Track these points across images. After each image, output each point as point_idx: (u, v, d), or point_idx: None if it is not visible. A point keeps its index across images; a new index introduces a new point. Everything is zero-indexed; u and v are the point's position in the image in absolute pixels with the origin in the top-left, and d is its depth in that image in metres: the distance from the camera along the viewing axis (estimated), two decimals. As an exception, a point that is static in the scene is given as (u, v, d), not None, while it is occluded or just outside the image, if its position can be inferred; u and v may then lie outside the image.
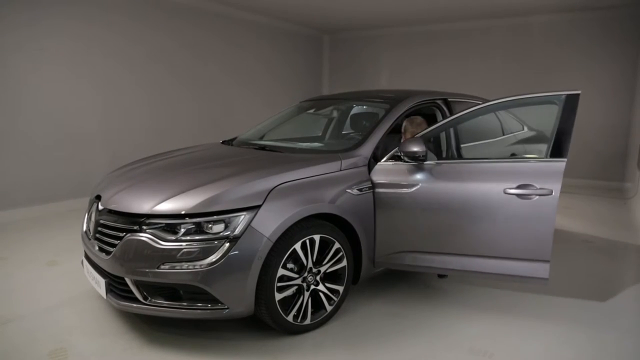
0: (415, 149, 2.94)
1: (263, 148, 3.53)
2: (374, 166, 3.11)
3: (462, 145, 3.49)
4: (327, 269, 2.82)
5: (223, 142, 4.02)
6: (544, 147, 2.90)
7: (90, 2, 5.74)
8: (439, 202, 2.97)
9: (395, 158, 3.09)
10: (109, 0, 5.95)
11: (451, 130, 3.41)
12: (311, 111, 4.45)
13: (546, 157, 2.82)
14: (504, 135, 4.18)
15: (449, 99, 3.79)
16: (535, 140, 3.21)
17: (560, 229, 5.11)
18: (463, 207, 2.93)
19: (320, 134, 4.45)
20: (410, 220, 3.06)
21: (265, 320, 2.65)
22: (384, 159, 3.12)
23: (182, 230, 2.45)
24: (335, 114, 4.46)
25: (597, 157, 7.75)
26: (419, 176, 3.01)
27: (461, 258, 2.99)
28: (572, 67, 7.75)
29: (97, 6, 5.82)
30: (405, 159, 3.01)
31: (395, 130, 3.51)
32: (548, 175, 2.76)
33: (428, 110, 3.82)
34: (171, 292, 2.52)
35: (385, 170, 3.08)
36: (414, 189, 3.00)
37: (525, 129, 4.58)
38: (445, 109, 3.73)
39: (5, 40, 5.04)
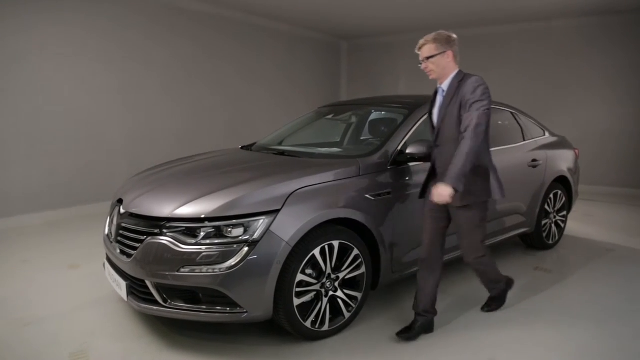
0: (415, 150, 2.97)
1: (282, 153, 3.54)
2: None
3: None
4: (345, 276, 2.80)
5: (242, 147, 4.04)
6: None
7: (116, 2, 5.87)
8: None
9: (397, 163, 3.10)
10: (134, 5, 6.08)
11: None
12: (330, 117, 4.45)
13: None
14: (524, 140, 4.22)
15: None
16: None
17: (582, 237, 5.01)
18: None
19: (338, 140, 4.44)
20: (419, 218, 3.11)
21: (283, 326, 2.64)
22: (389, 162, 3.10)
23: (202, 234, 2.46)
24: (353, 119, 4.45)
25: (617, 164, 7.59)
26: (423, 175, 3.07)
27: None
28: (590, 71, 7.64)
29: (122, 6, 5.94)
30: (408, 162, 3.10)
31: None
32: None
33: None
34: (191, 295, 2.53)
35: (396, 174, 3.09)
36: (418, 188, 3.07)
37: (547, 134, 4.56)
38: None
39: (27, 44, 5.16)
